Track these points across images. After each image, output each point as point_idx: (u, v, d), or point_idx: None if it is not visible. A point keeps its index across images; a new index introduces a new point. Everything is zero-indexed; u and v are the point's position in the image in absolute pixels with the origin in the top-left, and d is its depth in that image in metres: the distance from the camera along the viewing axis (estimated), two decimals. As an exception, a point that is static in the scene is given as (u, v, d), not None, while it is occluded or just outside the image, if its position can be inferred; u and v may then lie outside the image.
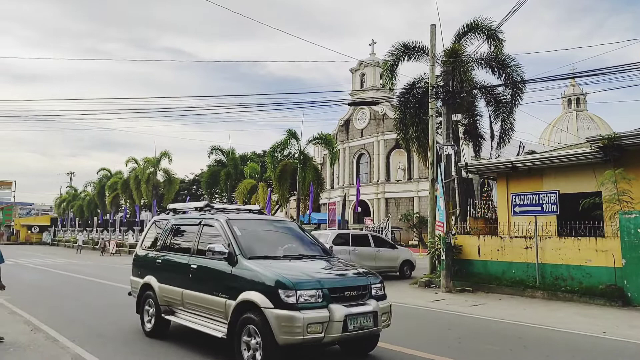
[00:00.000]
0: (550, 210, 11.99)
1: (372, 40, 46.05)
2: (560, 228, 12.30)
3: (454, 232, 14.55)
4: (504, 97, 18.08)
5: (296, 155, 29.92)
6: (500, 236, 13.49)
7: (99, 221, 48.07)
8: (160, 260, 7.28)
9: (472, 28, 17.32)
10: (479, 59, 17.32)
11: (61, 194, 63.80)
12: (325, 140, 30.59)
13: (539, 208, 12.19)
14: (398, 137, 20.42)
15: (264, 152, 45.09)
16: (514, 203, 12.90)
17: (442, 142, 15.45)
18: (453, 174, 15.96)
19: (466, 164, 15.90)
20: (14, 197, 73.54)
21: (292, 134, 29.08)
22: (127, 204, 45.01)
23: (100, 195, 49.36)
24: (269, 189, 32.03)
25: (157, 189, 41.31)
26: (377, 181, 43.84)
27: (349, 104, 31.65)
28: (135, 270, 7.98)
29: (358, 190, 30.17)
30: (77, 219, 53.82)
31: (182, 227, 7.36)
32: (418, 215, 40.00)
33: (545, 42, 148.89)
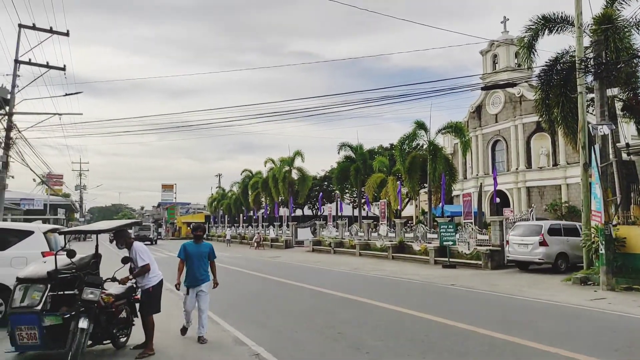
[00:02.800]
0: None
1: (504, 17, 42.44)
2: None
3: (614, 222, 12.80)
4: (675, 63, 15.30)
5: (425, 147, 29.11)
6: (677, 226, 11.49)
7: (244, 218, 52.69)
8: None
9: (629, -13, 14.97)
10: (638, 22, 14.92)
11: (212, 194, 71.31)
12: (455, 129, 29.21)
13: None
14: (540, 119, 18.57)
15: (392, 145, 44.75)
16: (695, 187, 10.87)
17: (596, 122, 13.67)
18: (611, 156, 14.06)
19: (627, 144, 13.87)
20: (175, 198, 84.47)
21: (420, 125, 28.36)
22: (267, 201, 48.48)
23: (244, 194, 53.95)
24: (398, 182, 31.72)
25: (292, 187, 43.74)
26: (517, 169, 40.52)
27: (482, 89, 29.76)
28: None
29: (495, 179, 28.26)
30: (226, 216, 59.68)
31: None
32: (567, 204, 35.98)
33: None
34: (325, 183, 55.32)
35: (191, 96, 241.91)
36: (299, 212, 55.67)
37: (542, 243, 15.41)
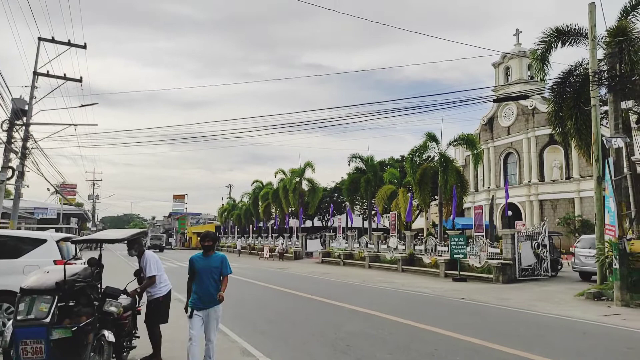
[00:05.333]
0: None
1: (517, 29, 42.44)
2: None
3: (629, 236, 12.59)
4: (691, 76, 15.09)
5: (436, 159, 29.03)
6: (694, 242, 11.26)
7: (254, 228, 52.77)
8: None
9: (643, 0, 14.88)
10: (654, 35, 14.78)
11: (222, 205, 71.66)
12: (467, 141, 29.10)
13: None
14: (553, 132, 18.42)
15: (403, 157, 44.69)
16: None
17: (610, 134, 13.53)
18: (625, 169, 13.87)
19: (642, 157, 13.67)
20: (186, 208, 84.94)
21: (432, 137, 28.30)
22: (277, 212, 48.57)
23: (254, 205, 54.12)
24: (409, 194, 31.60)
25: (303, 198, 43.76)
26: (529, 182, 40.17)
27: (494, 101, 29.63)
28: None
29: (507, 192, 28.02)
30: (236, 226, 59.84)
31: None
32: (580, 218, 35.51)
33: None
34: (336, 194, 55.28)
35: (204, 108, 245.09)
36: (308, 224, 55.62)
37: None
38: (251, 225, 53.88)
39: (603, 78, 13.87)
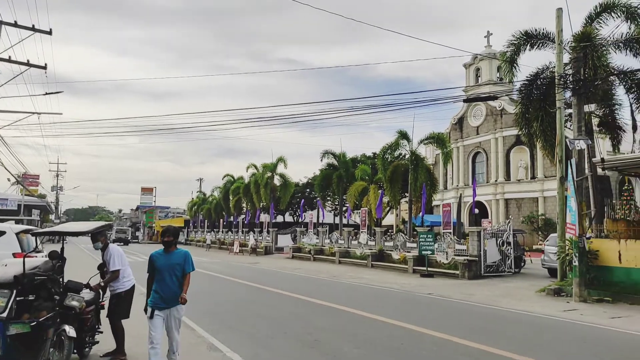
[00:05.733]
0: None
1: (488, 32, 43.36)
2: None
3: (588, 235, 13.08)
4: (649, 82, 15.79)
5: (407, 156, 29.36)
6: (647, 241, 11.80)
7: (224, 223, 52.17)
8: None
9: (607, 8, 15.46)
10: (616, 42, 15.38)
11: (192, 199, 70.45)
12: (437, 140, 29.52)
13: (699, 208, 10.43)
14: (520, 132, 18.93)
15: (374, 154, 45.01)
16: (665, 203, 11.20)
17: (573, 136, 14.00)
18: (586, 171, 14.39)
19: (602, 159, 14.19)
20: (154, 201, 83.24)
21: (403, 135, 28.59)
22: (248, 207, 48.13)
23: (225, 199, 53.42)
24: (380, 191, 31.88)
25: (274, 193, 43.51)
26: (496, 181, 41.23)
27: (464, 101, 30.13)
28: None
29: (474, 190, 28.62)
30: (206, 220, 59.02)
31: None
32: (544, 217, 36.72)
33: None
34: (308, 190, 55.23)
35: (175, 99, 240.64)
36: (280, 219, 55.45)
37: None
38: (221, 220, 53.29)
39: (568, 82, 14.33)
